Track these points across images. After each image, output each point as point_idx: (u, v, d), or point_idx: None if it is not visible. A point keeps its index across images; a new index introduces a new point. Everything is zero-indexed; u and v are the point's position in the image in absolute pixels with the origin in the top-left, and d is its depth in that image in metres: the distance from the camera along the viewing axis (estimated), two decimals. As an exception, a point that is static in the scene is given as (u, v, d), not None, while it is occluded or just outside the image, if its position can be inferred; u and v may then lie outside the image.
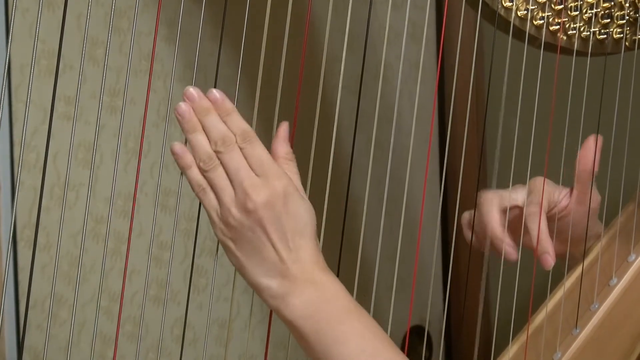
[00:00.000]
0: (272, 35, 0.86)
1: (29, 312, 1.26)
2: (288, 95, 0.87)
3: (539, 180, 1.04)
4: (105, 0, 1.27)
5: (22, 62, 1.22)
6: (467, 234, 1.07)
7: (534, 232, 1.01)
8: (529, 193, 1.04)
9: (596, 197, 1.05)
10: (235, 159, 0.80)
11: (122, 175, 1.33)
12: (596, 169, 1.03)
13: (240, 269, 0.81)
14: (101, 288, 1.29)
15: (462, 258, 1.10)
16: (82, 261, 1.29)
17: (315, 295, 0.80)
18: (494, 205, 1.04)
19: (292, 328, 0.80)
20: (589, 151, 1.03)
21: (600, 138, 1.03)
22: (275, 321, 0.85)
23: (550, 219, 1.04)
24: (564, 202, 1.05)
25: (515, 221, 1.05)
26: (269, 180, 0.79)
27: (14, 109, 1.23)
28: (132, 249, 1.31)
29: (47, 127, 1.24)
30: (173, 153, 0.82)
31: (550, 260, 1.01)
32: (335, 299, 0.80)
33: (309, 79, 0.92)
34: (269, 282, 0.80)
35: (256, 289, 0.81)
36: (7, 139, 1.23)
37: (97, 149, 1.30)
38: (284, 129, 0.84)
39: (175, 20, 1.28)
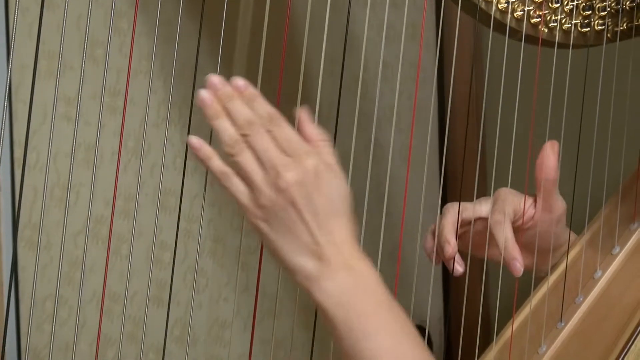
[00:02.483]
0: (272, 35, 0.86)
1: (29, 312, 1.27)
2: (288, 95, 0.87)
3: (503, 190, 1.03)
4: (105, 1, 1.27)
5: (22, 62, 1.22)
6: (428, 242, 1.06)
7: (500, 240, 1.00)
8: (494, 202, 1.02)
9: (561, 205, 1.04)
10: (263, 140, 0.78)
11: (122, 175, 1.33)
12: (556, 175, 1.01)
13: (274, 251, 0.80)
14: (105, 287, 1.29)
15: (462, 258, 1.10)
16: (82, 261, 1.29)
17: (350, 283, 0.78)
18: (448, 211, 1.02)
19: (323, 312, 0.78)
20: (547, 159, 1.01)
21: (556, 144, 1.02)
22: (275, 321, 0.84)
23: (517, 230, 1.02)
24: (530, 212, 1.04)
25: (480, 235, 1.04)
26: (299, 159, 0.78)
27: (14, 109, 1.23)
28: (132, 249, 1.31)
29: (47, 127, 1.25)
30: (191, 146, 0.81)
31: (518, 266, 0.99)
32: (370, 289, 0.79)
33: (309, 79, 0.92)
34: (303, 263, 0.78)
35: (290, 270, 0.79)
36: (7, 139, 1.23)
37: (97, 149, 1.30)
38: (305, 113, 0.82)
39: (175, 21, 1.28)
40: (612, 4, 1.02)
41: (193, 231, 1.44)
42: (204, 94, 0.80)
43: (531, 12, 1.01)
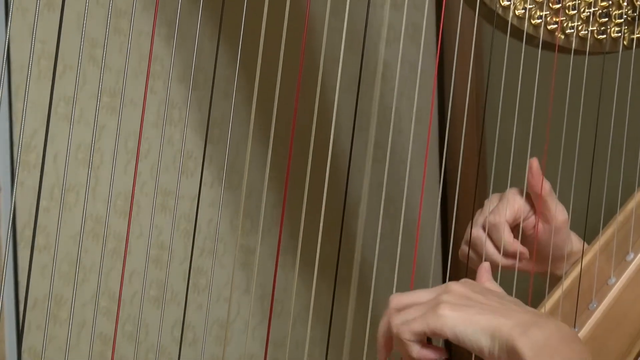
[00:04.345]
0: (271, 36, 0.86)
1: (29, 312, 1.26)
2: (287, 96, 0.87)
3: (511, 191, 1.03)
4: (104, 1, 1.27)
5: (22, 62, 1.22)
6: (464, 249, 1.06)
7: (497, 242, 1.00)
8: (500, 201, 1.02)
9: (560, 216, 1.03)
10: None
11: (121, 175, 1.33)
12: (547, 189, 1.01)
13: (468, 323, 0.80)
14: (99, 288, 1.29)
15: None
16: (82, 261, 1.29)
17: (545, 335, 0.78)
18: (499, 212, 1.02)
19: None
20: (535, 176, 1.01)
21: (534, 161, 1.01)
22: (274, 321, 0.84)
23: (523, 232, 1.03)
24: (532, 220, 1.03)
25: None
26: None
27: (14, 109, 1.23)
28: (132, 249, 1.31)
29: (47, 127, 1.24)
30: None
31: (526, 254, 1.00)
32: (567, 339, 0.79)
33: (309, 79, 0.92)
34: (502, 322, 0.78)
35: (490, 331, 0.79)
36: (7, 139, 1.23)
37: (97, 149, 1.30)
38: None
39: (175, 21, 1.28)
40: (629, 12, 1.02)
41: (192, 231, 1.44)
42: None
43: (548, 19, 1.00)
